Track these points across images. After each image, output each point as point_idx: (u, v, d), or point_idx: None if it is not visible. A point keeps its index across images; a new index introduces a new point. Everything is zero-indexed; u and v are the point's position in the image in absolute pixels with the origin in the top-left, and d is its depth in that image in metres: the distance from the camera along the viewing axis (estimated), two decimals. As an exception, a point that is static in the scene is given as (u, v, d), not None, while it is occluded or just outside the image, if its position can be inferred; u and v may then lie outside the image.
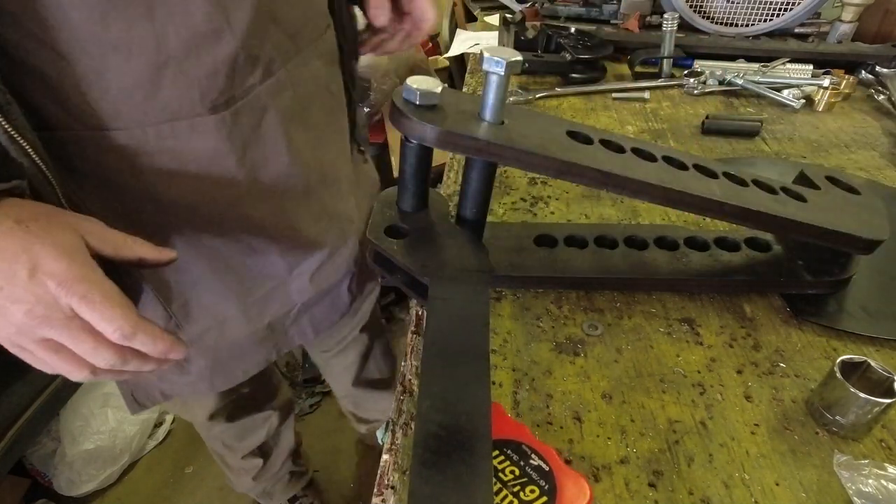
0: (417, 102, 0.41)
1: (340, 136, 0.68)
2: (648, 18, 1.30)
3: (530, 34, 1.13)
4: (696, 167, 0.50)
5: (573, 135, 0.46)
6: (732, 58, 1.14)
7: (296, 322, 0.73)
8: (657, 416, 0.45)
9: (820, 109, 0.98)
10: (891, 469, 0.40)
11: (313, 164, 0.60)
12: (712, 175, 0.50)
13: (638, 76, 1.10)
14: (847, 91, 0.99)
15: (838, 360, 0.43)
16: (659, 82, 1.06)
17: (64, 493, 1.31)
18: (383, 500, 0.40)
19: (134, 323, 0.38)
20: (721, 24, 1.21)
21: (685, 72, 1.09)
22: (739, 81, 1.02)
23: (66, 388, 1.27)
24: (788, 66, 1.07)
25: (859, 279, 0.58)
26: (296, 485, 1.24)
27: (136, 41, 0.42)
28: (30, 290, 0.35)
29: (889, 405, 0.41)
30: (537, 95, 1.00)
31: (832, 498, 0.40)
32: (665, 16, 1.07)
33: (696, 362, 0.50)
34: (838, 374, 0.42)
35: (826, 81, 0.97)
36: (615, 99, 1.02)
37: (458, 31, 1.47)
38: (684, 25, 1.19)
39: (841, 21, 1.16)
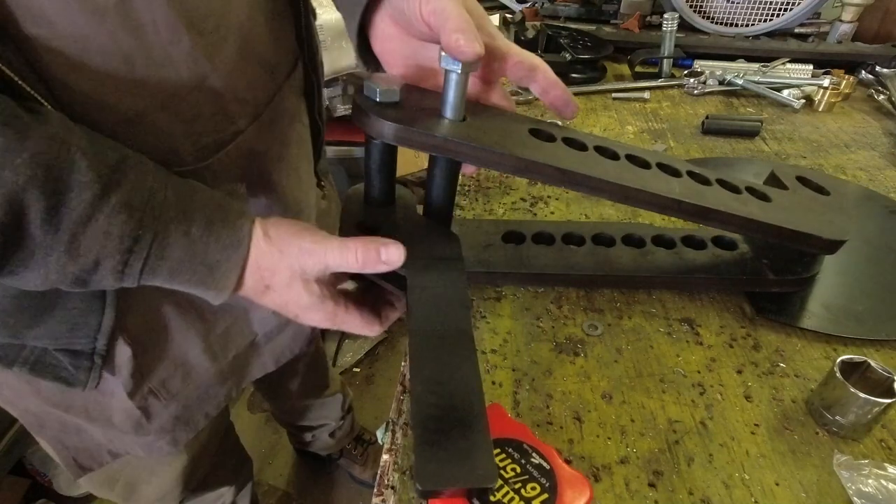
0: (377, 100, 0.42)
1: (308, 165, 0.67)
2: (648, 18, 1.30)
3: (530, 34, 1.13)
4: (660, 166, 0.50)
5: (535, 132, 0.46)
6: (732, 58, 1.14)
7: (258, 354, 0.70)
8: (657, 416, 0.45)
9: (820, 109, 0.98)
10: (891, 469, 0.40)
11: (287, 195, 0.60)
12: (675, 174, 0.50)
13: (638, 76, 1.10)
14: (847, 91, 0.99)
15: (838, 360, 0.43)
16: (659, 82, 1.06)
17: (64, 493, 1.30)
18: (383, 501, 0.40)
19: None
20: (721, 24, 1.21)
21: (685, 72, 1.09)
22: (739, 81, 1.02)
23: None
24: (788, 66, 1.07)
25: (824, 278, 0.58)
26: None
27: (109, 92, 0.40)
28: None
29: (889, 405, 0.41)
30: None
31: (832, 498, 0.40)
32: (665, 16, 1.07)
33: (696, 362, 0.50)
34: (838, 374, 0.42)
35: (826, 81, 0.97)
36: (615, 99, 1.02)
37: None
38: (684, 25, 1.20)
39: (841, 21, 1.16)
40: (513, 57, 0.43)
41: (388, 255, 0.40)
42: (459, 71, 0.39)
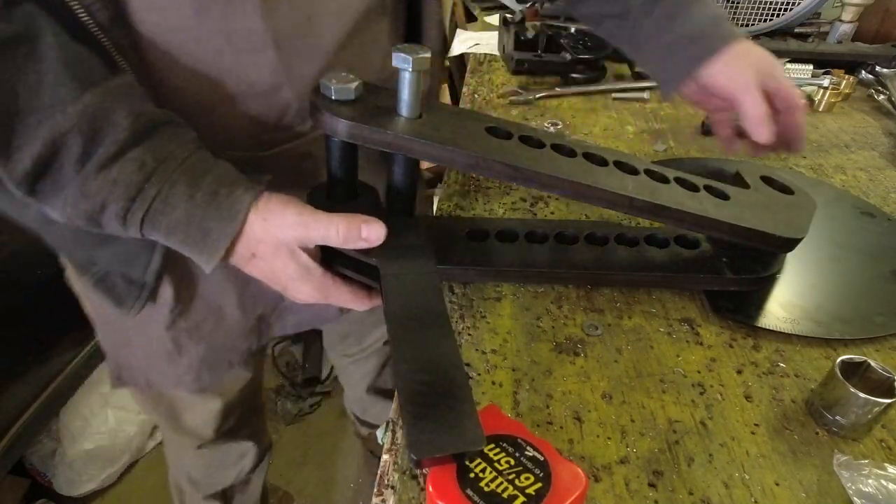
0: (333, 97, 0.42)
1: None
2: (648, 18, 1.29)
3: (530, 34, 1.13)
4: (617, 164, 0.50)
5: (492, 130, 0.47)
6: (732, 58, 1.13)
7: (280, 317, 0.73)
8: (657, 416, 0.45)
9: (820, 109, 0.98)
10: (891, 469, 0.40)
11: None
12: (632, 172, 0.50)
13: (638, 76, 1.10)
14: (847, 91, 0.99)
15: (838, 360, 0.43)
16: (659, 82, 1.06)
17: (64, 493, 1.31)
18: (383, 500, 0.40)
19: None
20: (721, 24, 1.21)
21: (685, 72, 1.09)
22: (739, 81, 1.02)
23: (66, 388, 1.27)
24: (788, 66, 1.07)
25: (787, 278, 0.58)
26: None
27: (193, 82, 0.44)
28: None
29: (889, 405, 0.41)
30: (537, 96, 1.00)
31: (832, 498, 0.40)
32: (665, 16, 1.07)
33: (696, 362, 0.50)
34: (838, 374, 0.42)
35: (826, 81, 0.97)
36: (615, 99, 1.02)
37: (458, 31, 1.47)
38: (684, 25, 1.19)
39: (841, 21, 1.16)
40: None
41: (369, 232, 0.42)
42: (411, 69, 0.39)
